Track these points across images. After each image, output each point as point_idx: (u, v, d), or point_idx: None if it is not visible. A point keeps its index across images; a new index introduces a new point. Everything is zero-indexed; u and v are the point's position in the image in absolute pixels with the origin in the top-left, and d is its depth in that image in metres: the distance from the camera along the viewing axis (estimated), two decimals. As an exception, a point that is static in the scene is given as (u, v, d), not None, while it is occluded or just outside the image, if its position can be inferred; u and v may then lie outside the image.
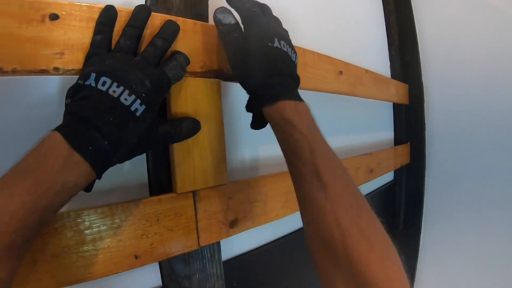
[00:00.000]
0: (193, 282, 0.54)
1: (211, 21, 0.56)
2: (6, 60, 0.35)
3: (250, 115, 0.52)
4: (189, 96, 0.50)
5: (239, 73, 0.47)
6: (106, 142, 0.35)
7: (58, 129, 0.34)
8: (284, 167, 0.46)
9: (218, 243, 0.58)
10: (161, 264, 0.54)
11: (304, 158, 0.40)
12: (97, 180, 0.38)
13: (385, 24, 1.44)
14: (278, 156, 0.71)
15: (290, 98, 0.44)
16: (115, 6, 0.42)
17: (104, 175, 0.38)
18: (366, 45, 1.28)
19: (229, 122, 0.62)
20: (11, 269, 0.30)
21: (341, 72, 0.88)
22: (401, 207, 1.56)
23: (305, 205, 0.41)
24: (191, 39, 0.49)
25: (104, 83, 0.36)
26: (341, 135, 1.07)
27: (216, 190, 0.53)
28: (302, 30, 0.88)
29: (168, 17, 0.46)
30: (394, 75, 1.45)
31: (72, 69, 0.39)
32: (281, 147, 0.45)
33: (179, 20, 0.47)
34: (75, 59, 0.39)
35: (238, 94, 0.63)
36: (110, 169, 0.38)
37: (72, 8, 0.39)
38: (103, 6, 0.41)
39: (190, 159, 0.50)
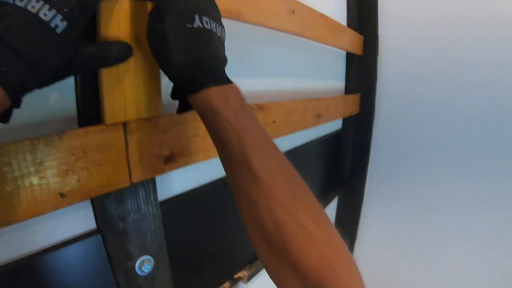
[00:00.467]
0: (127, 223, 0.52)
1: None
2: None
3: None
4: (122, 19, 0.44)
5: (157, 60, 0.43)
6: (21, 63, 0.30)
7: None
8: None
9: (153, 181, 0.55)
10: (94, 205, 0.51)
11: (232, 148, 0.38)
12: (20, 114, 0.34)
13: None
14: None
15: (214, 84, 0.40)
16: None
17: (28, 107, 0.34)
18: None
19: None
20: None
21: (293, 11, 0.84)
22: (348, 156, 1.62)
23: (240, 199, 0.40)
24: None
25: None
26: (291, 78, 1.06)
27: (149, 122, 0.50)
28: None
29: None
30: (350, 25, 1.43)
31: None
32: (211, 137, 0.42)
33: None
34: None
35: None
36: (35, 100, 0.34)
37: None
38: None
39: (121, 88, 0.45)
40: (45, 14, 0.32)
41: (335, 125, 1.50)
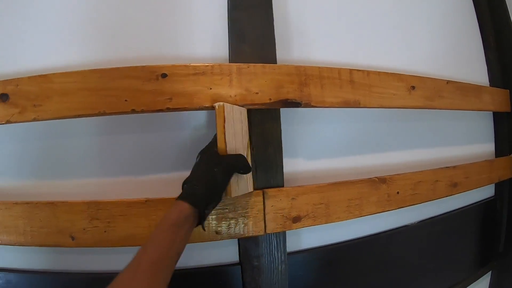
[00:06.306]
0: (261, 261, 0.78)
1: (279, 62, 0.80)
2: (137, 104, 0.65)
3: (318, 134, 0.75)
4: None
5: None
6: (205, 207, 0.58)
7: (183, 198, 0.57)
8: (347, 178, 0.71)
9: (284, 234, 0.80)
10: (239, 245, 0.80)
11: None
12: None
13: (479, 27, 1.47)
14: (341, 168, 0.91)
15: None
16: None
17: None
18: (459, 52, 1.36)
19: (294, 141, 0.84)
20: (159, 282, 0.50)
21: (413, 87, 1.00)
22: (502, 226, 1.56)
23: None
24: (260, 78, 0.73)
25: None
26: (426, 148, 1.19)
27: (281, 191, 0.76)
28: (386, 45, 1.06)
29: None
30: (492, 81, 1.46)
31: (178, 108, 0.67)
32: None
33: (250, 66, 0.73)
34: (180, 102, 0.67)
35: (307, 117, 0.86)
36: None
37: (174, 68, 0.67)
38: (198, 64, 0.69)
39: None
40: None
41: (485, 191, 1.49)
